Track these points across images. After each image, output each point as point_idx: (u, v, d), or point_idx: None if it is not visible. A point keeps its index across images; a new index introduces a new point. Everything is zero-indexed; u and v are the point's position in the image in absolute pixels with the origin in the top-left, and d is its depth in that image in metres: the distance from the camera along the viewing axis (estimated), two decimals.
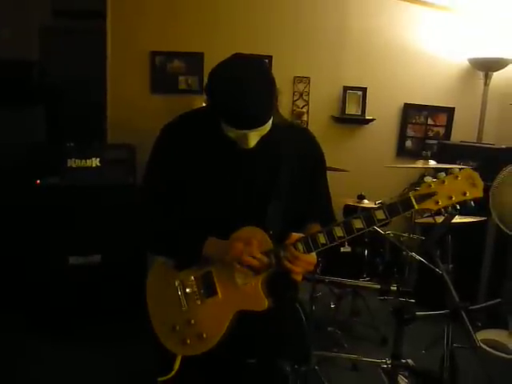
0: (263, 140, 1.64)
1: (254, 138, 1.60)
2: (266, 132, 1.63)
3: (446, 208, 1.58)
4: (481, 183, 1.56)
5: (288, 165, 1.73)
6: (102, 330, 3.62)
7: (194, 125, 1.78)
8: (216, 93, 1.57)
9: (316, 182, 1.84)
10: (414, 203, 1.57)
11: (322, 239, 1.61)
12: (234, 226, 1.67)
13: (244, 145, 1.62)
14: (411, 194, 1.58)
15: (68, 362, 3.28)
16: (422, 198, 1.57)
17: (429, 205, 1.57)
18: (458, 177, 1.56)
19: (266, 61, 1.65)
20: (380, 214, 1.59)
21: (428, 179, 1.58)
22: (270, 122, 1.61)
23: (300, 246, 1.62)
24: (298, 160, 1.77)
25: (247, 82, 1.53)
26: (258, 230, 1.67)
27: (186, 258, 1.75)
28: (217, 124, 1.61)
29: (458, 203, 1.57)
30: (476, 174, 1.57)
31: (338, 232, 1.61)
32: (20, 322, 3.65)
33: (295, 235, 1.63)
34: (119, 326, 3.64)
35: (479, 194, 1.56)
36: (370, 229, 1.62)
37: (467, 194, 1.56)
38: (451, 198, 1.56)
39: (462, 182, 1.56)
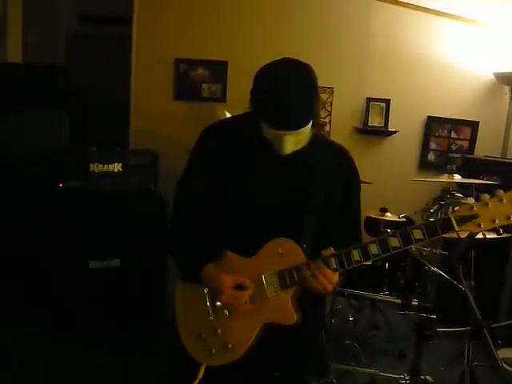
0: (301, 152, 1.64)
1: (289, 141, 1.59)
2: (302, 138, 1.62)
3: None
4: None
5: (323, 180, 1.72)
6: (120, 334, 3.63)
7: (234, 128, 1.79)
8: (257, 89, 1.59)
9: (348, 201, 1.81)
10: (455, 225, 1.51)
11: (356, 256, 1.59)
12: (267, 236, 1.66)
13: (279, 148, 1.61)
14: (452, 215, 1.52)
15: (86, 366, 3.29)
16: (463, 220, 1.51)
17: (470, 227, 1.52)
18: (502, 200, 1.50)
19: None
20: (418, 234, 1.55)
21: (470, 201, 1.53)
22: (308, 128, 1.60)
23: (333, 262, 1.60)
24: (333, 178, 1.76)
25: (289, 82, 1.54)
26: (291, 243, 1.65)
27: (187, 277, 1.78)
28: (257, 127, 1.61)
29: (500, 227, 1.52)
30: None
31: (373, 249, 1.58)
32: (39, 325, 3.67)
33: (328, 251, 1.61)
34: (138, 331, 3.65)
35: None
36: (407, 248, 1.57)
37: (511, 219, 1.49)
38: (494, 221, 1.50)
39: (507, 206, 1.50)
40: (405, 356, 3.58)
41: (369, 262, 1.63)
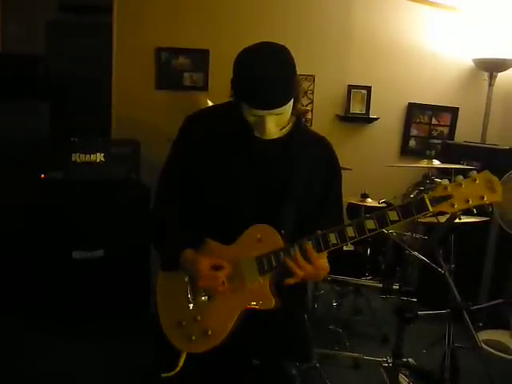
0: (282, 139, 1.68)
1: (271, 123, 1.61)
2: (283, 121, 1.65)
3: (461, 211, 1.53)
4: (500, 187, 1.51)
5: (304, 168, 1.74)
6: (104, 324, 3.63)
7: (216, 117, 1.81)
8: (236, 72, 1.62)
9: (329, 190, 1.82)
10: (429, 205, 1.53)
11: (332, 239, 1.59)
12: (246, 222, 1.67)
13: (262, 132, 1.64)
14: (426, 196, 1.53)
15: (70, 357, 3.29)
16: (437, 201, 1.53)
17: (444, 207, 1.53)
18: (476, 180, 1.52)
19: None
20: (393, 215, 1.55)
21: (444, 181, 1.54)
22: (289, 107, 1.63)
23: (310, 246, 1.60)
24: (314, 165, 1.78)
25: (266, 60, 1.57)
26: (269, 229, 1.66)
27: (167, 264, 1.79)
28: (239, 115, 1.64)
29: (474, 207, 1.53)
30: (495, 179, 1.52)
31: (350, 232, 1.58)
32: (23, 317, 3.65)
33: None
34: (122, 321, 3.65)
35: (498, 198, 1.51)
36: (383, 230, 1.58)
37: (485, 199, 1.51)
38: (468, 201, 1.51)
39: (480, 186, 1.51)
40: (388, 340, 3.63)
41: (347, 246, 1.64)
